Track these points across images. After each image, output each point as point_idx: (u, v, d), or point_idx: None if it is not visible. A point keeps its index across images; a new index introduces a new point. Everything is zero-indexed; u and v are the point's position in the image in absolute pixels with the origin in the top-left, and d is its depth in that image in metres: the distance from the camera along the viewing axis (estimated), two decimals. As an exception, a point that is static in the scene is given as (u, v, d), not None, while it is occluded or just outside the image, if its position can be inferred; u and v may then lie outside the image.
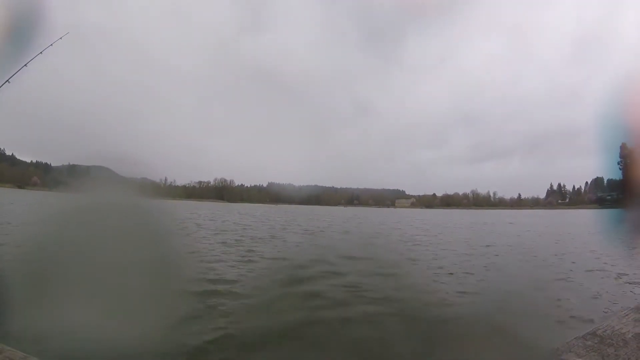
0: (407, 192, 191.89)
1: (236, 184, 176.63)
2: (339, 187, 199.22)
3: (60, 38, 7.56)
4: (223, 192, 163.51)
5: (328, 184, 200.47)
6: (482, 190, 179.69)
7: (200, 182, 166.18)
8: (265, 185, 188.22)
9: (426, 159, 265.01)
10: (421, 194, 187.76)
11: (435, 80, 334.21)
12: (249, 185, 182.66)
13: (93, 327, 3.12)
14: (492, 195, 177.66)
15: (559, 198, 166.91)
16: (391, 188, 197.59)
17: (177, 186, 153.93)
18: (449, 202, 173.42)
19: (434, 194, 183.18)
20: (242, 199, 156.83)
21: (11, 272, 3.88)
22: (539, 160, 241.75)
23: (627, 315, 2.88)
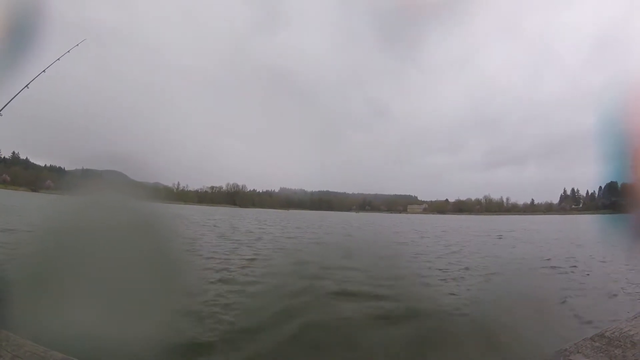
0: (419, 198, 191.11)
1: (248, 189, 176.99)
2: (350, 192, 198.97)
3: (77, 45, 7.69)
4: (235, 197, 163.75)
5: (340, 190, 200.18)
6: (495, 196, 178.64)
7: (212, 187, 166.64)
8: (277, 190, 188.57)
9: (440, 164, 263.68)
10: (433, 199, 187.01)
11: (452, 82, 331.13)
12: (260, 191, 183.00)
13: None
14: (505, 200, 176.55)
15: (572, 203, 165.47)
16: (403, 193, 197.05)
17: (190, 191, 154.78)
18: (462, 207, 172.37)
19: (447, 200, 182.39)
20: (253, 204, 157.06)
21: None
22: (553, 165, 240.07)
23: (636, 318, 2.90)
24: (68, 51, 7.25)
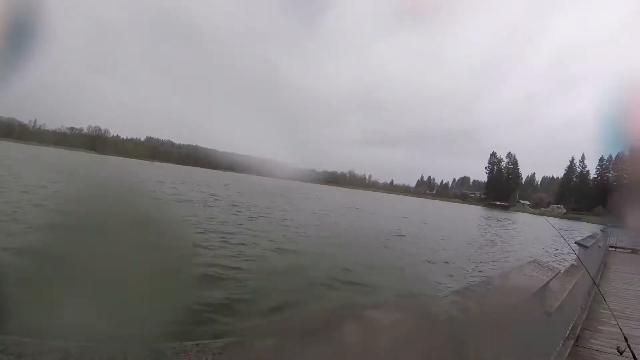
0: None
1: (111, 135, 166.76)
2: (221, 150, 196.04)
3: None
4: (96, 142, 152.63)
5: (210, 146, 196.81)
6: (359, 172, 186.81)
7: (72, 129, 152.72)
8: (142, 139, 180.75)
9: (317, 135, 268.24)
10: (302, 167, 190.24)
11: (347, 61, 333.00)
12: (124, 137, 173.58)
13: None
14: (367, 177, 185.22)
15: (427, 189, 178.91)
16: (274, 158, 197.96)
17: (47, 130, 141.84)
18: (329, 178, 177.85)
19: (314, 170, 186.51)
20: (115, 152, 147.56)
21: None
22: (417, 153, 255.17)
23: (446, 297, 3.06)
24: None
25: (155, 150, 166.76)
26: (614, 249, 17.45)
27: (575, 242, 7.79)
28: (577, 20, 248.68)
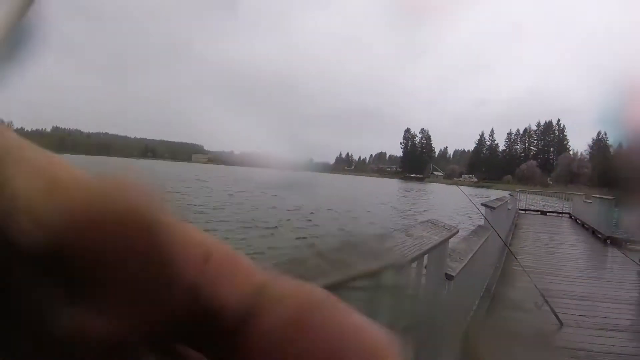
0: (205, 147, 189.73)
1: (15, 127, 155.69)
2: (132, 136, 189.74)
3: None
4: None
5: (121, 132, 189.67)
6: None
7: None
8: (49, 129, 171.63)
9: (230, 114, 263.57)
10: (220, 150, 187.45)
11: (265, 38, 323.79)
12: (29, 129, 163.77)
13: None
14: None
15: (345, 165, 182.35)
16: (189, 142, 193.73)
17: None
18: (247, 160, 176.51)
19: (232, 151, 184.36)
20: None
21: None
22: (335, 131, 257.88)
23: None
24: None
25: (63, 141, 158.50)
26: (523, 212, 18.43)
27: (482, 204, 7.78)
28: (491, 13, 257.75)
